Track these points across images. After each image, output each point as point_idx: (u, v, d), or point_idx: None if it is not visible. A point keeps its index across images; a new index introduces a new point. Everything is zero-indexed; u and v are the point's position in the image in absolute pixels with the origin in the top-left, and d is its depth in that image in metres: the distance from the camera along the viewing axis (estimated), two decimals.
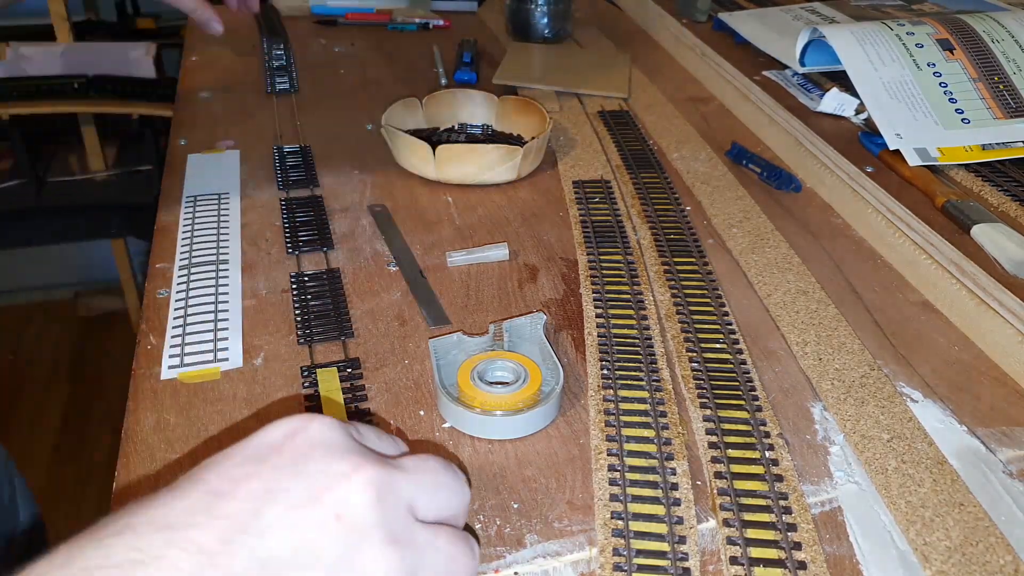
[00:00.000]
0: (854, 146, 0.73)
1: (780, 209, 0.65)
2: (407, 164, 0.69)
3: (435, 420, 0.44)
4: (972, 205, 0.61)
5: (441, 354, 0.47)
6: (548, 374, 0.46)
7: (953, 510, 0.38)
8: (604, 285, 0.54)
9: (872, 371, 0.47)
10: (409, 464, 0.30)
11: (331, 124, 0.80)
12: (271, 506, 0.27)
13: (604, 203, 0.64)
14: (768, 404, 0.45)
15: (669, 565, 0.35)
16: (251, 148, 0.74)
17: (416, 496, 0.29)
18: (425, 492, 0.30)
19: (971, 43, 0.76)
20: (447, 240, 0.61)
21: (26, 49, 2.05)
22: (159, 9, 2.89)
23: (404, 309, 0.53)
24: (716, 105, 0.86)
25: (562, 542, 0.37)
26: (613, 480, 0.39)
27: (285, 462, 0.28)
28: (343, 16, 1.13)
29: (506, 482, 0.40)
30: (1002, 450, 0.42)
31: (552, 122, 0.71)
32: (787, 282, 0.55)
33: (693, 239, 0.60)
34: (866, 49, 0.76)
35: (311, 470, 0.28)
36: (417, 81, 0.92)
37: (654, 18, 1.10)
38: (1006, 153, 0.68)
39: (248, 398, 0.45)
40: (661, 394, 0.45)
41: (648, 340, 0.49)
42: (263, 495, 0.27)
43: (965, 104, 0.71)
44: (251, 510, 0.26)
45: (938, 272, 0.54)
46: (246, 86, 0.89)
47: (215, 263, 0.57)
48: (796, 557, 0.36)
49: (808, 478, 0.40)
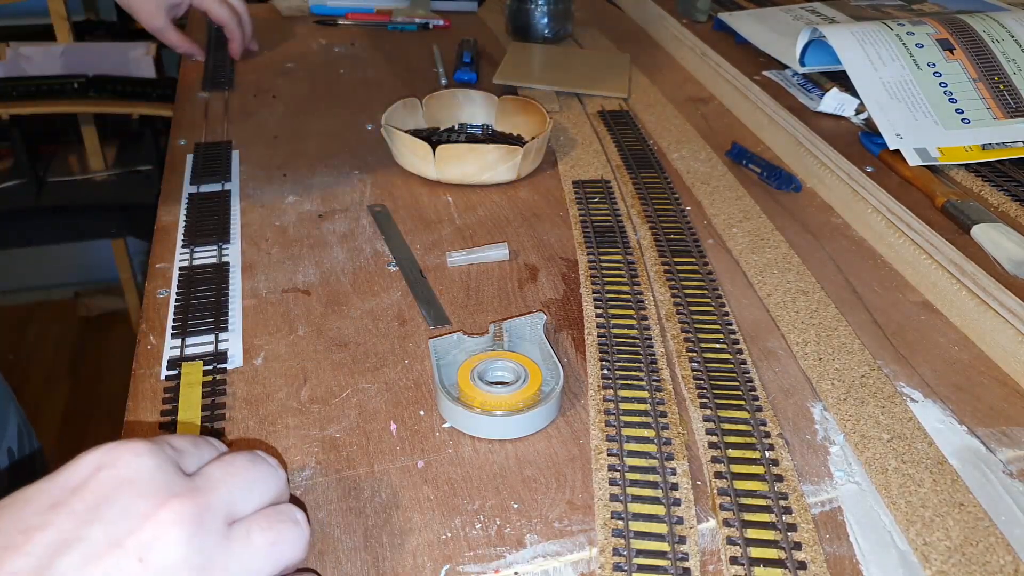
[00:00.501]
0: (854, 146, 0.73)
1: (780, 209, 0.65)
2: (407, 164, 0.69)
3: (435, 420, 0.44)
4: (972, 205, 0.61)
5: (441, 354, 0.47)
6: (548, 374, 0.46)
7: (953, 510, 0.38)
8: (604, 285, 0.54)
9: (872, 371, 0.47)
10: (217, 473, 0.30)
11: (331, 124, 0.80)
12: (66, 557, 0.26)
13: (604, 203, 0.64)
14: (768, 404, 0.45)
15: (669, 565, 0.35)
16: None
17: (232, 502, 0.29)
18: (239, 492, 0.30)
19: (971, 43, 0.76)
20: (447, 240, 0.61)
21: (26, 49, 2.05)
22: None
23: (404, 309, 0.53)
24: (716, 105, 0.86)
25: (562, 542, 0.37)
26: (613, 480, 0.39)
27: (86, 506, 0.27)
28: (343, 16, 1.13)
29: (506, 482, 0.40)
30: (1002, 450, 0.42)
31: (552, 122, 0.71)
32: (787, 282, 0.55)
33: (693, 239, 0.60)
34: (866, 49, 0.76)
35: (113, 514, 0.27)
36: (417, 81, 0.92)
37: (654, 18, 1.10)
38: (1006, 153, 0.68)
39: (247, 398, 0.45)
40: (661, 394, 0.45)
41: (648, 340, 0.49)
42: (57, 546, 0.26)
43: (965, 104, 0.71)
44: (41, 565, 0.25)
45: (938, 272, 0.54)
46: None
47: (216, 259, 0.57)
48: (796, 557, 0.36)
49: (808, 478, 0.40)
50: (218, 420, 0.44)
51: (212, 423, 0.44)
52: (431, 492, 0.39)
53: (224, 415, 0.44)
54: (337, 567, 0.36)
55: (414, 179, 0.69)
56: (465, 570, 0.36)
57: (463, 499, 0.39)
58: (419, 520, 0.38)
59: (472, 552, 0.36)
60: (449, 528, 0.38)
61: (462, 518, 0.38)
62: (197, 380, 0.46)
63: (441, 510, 0.39)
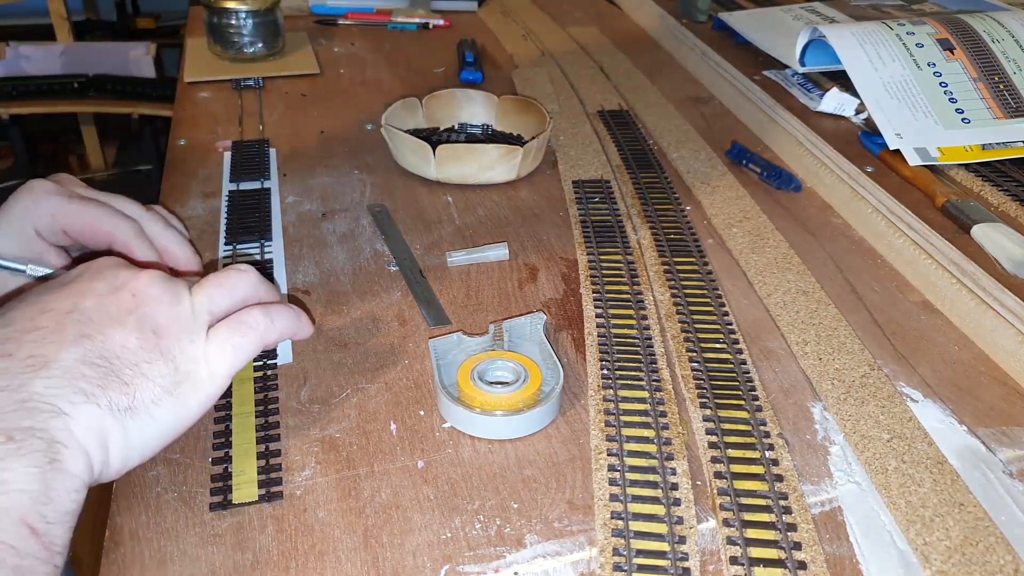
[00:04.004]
0: (854, 146, 0.73)
1: (780, 209, 0.65)
2: (407, 164, 0.69)
3: (435, 420, 0.44)
4: (972, 205, 0.61)
5: (441, 354, 0.47)
6: (548, 374, 0.46)
7: (953, 510, 0.38)
8: (604, 285, 0.54)
9: (872, 371, 0.47)
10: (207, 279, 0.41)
11: (331, 124, 0.80)
12: (85, 300, 0.36)
13: (604, 203, 0.64)
14: (768, 404, 0.45)
15: (669, 565, 0.35)
16: None
17: (209, 298, 0.39)
18: (218, 292, 0.40)
19: (971, 43, 0.76)
20: (447, 240, 0.61)
21: (26, 49, 2.05)
22: (159, 9, 2.89)
23: (404, 309, 0.53)
24: (716, 105, 0.86)
25: (562, 542, 0.37)
26: (613, 480, 0.39)
27: (91, 273, 0.38)
28: (343, 16, 1.13)
29: (506, 482, 0.40)
30: (1002, 450, 0.42)
31: (552, 122, 0.71)
32: (787, 282, 0.55)
33: (693, 239, 0.60)
34: (866, 49, 0.76)
35: (108, 276, 0.38)
36: (417, 81, 0.92)
37: (654, 18, 1.10)
38: (1006, 153, 0.68)
39: None
40: (661, 394, 0.45)
41: (648, 340, 0.49)
42: (79, 295, 0.37)
43: (965, 104, 0.71)
44: (71, 305, 0.36)
45: (938, 272, 0.54)
46: None
47: None
48: (796, 557, 0.36)
49: (808, 478, 0.40)
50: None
51: None
52: (431, 492, 0.39)
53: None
54: (337, 567, 0.36)
55: (414, 179, 0.69)
56: (465, 570, 0.36)
57: (463, 499, 0.39)
58: (419, 520, 0.38)
59: (472, 552, 0.36)
60: (449, 528, 0.38)
61: (462, 518, 0.38)
62: None
63: (441, 510, 0.39)
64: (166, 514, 0.38)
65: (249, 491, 0.39)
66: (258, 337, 0.40)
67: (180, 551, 0.36)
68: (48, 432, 0.32)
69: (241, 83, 0.89)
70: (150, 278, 0.38)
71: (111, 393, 0.34)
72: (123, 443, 0.35)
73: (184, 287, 0.39)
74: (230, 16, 0.92)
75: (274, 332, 0.40)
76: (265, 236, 0.60)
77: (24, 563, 0.30)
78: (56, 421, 0.32)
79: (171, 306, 0.38)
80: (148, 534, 0.37)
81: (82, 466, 0.33)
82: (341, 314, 0.52)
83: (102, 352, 0.35)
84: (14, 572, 0.30)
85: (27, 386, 0.33)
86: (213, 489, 0.39)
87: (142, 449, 0.36)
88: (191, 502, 0.39)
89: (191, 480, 0.40)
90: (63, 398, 0.33)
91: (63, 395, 0.33)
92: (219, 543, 0.37)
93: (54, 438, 0.32)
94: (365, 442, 0.42)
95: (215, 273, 0.41)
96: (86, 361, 0.34)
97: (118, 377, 0.35)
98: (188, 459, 0.41)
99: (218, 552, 0.36)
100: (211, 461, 0.41)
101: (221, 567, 0.36)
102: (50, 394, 0.33)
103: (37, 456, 0.31)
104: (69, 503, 0.32)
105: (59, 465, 0.32)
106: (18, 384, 0.32)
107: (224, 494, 0.39)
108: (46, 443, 0.32)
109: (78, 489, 0.32)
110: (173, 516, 0.38)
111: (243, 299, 0.41)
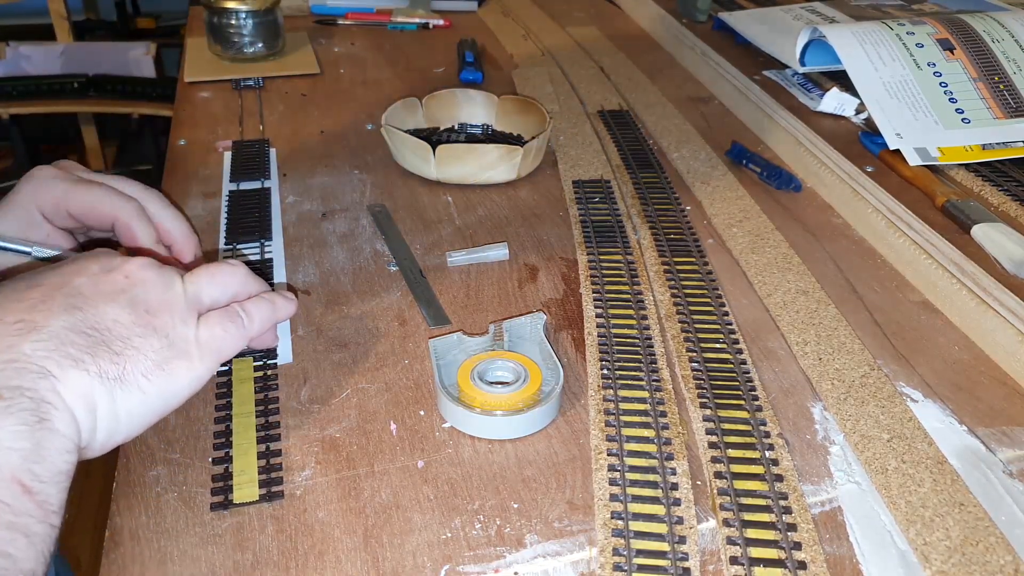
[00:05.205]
0: (854, 146, 0.73)
1: (780, 209, 0.65)
2: (407, 164, 0.69)
3: (435, 420, 0.44)
4: (972, 205, 0.61)
5: (441, 354, 0.47)
6: (548, 374, 0.46)
7: (953, 510, 0.38)
8: (604, 285, 0.54)
9: (872, 371, 0.47)
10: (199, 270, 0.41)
11: (331, 124, 0.80)
12: (77, 278, 0.37)
13: (604, 203, 0.64)
14: (768, 404, 0.45)
15: (669, 565, 0.35)
16: None
17: (200, 287, 0.40)
18: (210, 283, 0.41)
19: (971, 43, 0.76)
20: (447, 240, 0.61)
21: (26, 49, 2.05)
22: (159, 9, 2.89)
23: (404, 309, 0.53)
24: (716, 105, 0.86)
25: (562, 542, 0.37)
26: (613, 480, 0.39)
27: (84, 258, 0.39)
28: (343, 16, 1.13)
29: (506, 482, 0.40)
30: (1002, 450, 0.42)
31: (552, 122, 0.71)
32: (787, 282, 0.55)
33: (693, 239, 0.60)
34: (866, 49, 0.76)
35: (102, 258, 0.39)
36: (417, 81, 0.92)
37: (654, 18, 1.10)
38: (1006, 153, 0.68)
39: None
40: (661, 394, 0.45)
41: (648, 340, 0.49)
42: (71, 274, 0.37)
43: (965, 104, 0.71)
44: (61, 282, 0.36)
45: (938, 272, 0.54)
46: None
47: None
48: (796, 557, 0.36)
49: (808, 478, 0.40)
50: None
51: None
52: (431, 492, 0.39)
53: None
54: (337, 567, 0.36)
55: (414, 179, 0.69)
56: (465, 570, 0.36)
57: (463, 499, 0.39)
58: (419, 520, 0.38)
59: (472, 552, 0.36)
60: (449, 528, 0.38)
61: (462, 518, 0.38)
62: None
63: (441, 510, 0.39)
64: (166, 514, 0.38)
65: (249, 491, 0.39)
66: (249, 324, 0.41)
67: (180, 551, 0.36)
68: (37, 392, 0.32)
69: (241, 83, 0.89)
70: (143, 263, 0.39)
71: (100, 361, 0.34)
72: (111, 412, 0.35)
73: (176, 275, 0.40)
74: (230, 16, 0.92)
75: (258, 319, 0.42)
76: (265, 236, 0.60)
77: (18, 520, 0.30)
78: (44, 382, 0.32)
79: (164, 290, 0.38)
80: (148, 534, 0.37)
81: (72, 428, 0.33)
82: (341, 314, 0.52)
83: (93, 324, 0.35)
84: (8, 529, 0.29)
85: (15, 347, 0.33)
86: (213, 489, 0.39)
87: (128, 422, 0.36)
88: (191, 502, 0.39)
89: (191, 480, 0.40)
90: (52, 361, 0.33)
91: (52, 358, 0.33)
92: (219, 543, 0.37)
93: (43, 398, 0.32)
94: (365, 442, 0.42)
95: (206, 265, 0.42)
96: (76, 329, 0.35)
97: (108, 347, 0.35)
98: (188, 459, 0.41)
99: (218, 552, 0.36)
100: (211, 461, 0.41)
101: (221, 567, 0.36)
102: (39, 356, 0.33)
103: (25, 415, 0.31)
104: (61, 463, 0.32)
105: (48, 424, 0.32)
106: (6, 345, 0.33)
107: (224, 494, 0.39)
108: (35, 402, 0.32)
109: (70, 450, 0.33)
110: (173, 516, 0.38)
111: (234, 294, 0.42)
